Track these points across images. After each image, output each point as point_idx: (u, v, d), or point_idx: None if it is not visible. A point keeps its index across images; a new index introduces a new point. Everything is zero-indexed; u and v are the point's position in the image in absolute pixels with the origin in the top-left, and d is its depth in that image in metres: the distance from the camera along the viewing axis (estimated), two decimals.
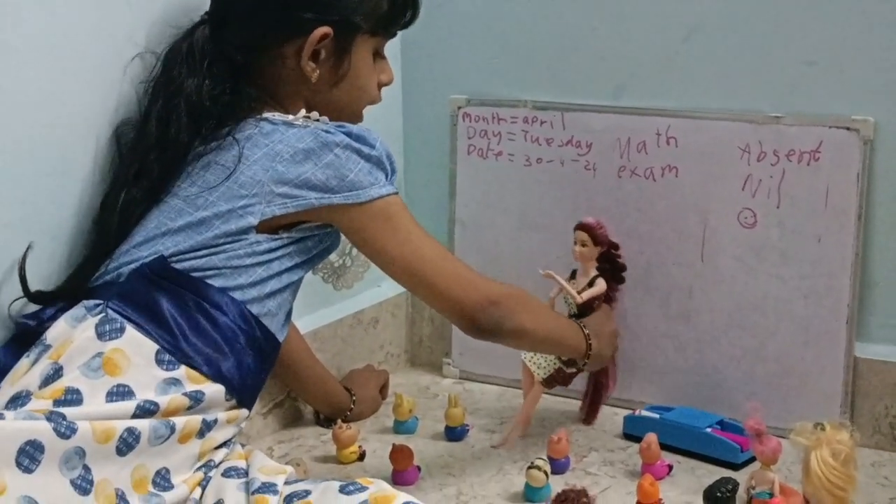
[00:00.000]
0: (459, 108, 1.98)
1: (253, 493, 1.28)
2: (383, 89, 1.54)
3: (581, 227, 1.76)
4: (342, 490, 1.24)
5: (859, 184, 1.68)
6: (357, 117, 1.51)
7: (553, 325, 1.60)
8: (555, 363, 1.71)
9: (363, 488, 1.24)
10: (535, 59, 1.91)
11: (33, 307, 1.35)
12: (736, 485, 1.37)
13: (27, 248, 1.34)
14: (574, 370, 1.70)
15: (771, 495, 1.50)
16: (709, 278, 1.80)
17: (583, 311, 1.74)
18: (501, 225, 1.97)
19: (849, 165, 1.68)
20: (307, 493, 1.25)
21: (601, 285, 1.75)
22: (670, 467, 1.61)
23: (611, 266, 1.78)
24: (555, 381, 1.73)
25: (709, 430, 1.68)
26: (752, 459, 1.59)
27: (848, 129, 1.68)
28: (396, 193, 1.41)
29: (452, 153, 2.00)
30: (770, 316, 1.76)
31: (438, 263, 1.43)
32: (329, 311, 1.87)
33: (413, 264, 1.42)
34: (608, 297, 1.77)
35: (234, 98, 1.41)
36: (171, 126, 1.39)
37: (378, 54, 1.51)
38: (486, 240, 1.99)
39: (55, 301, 1.34)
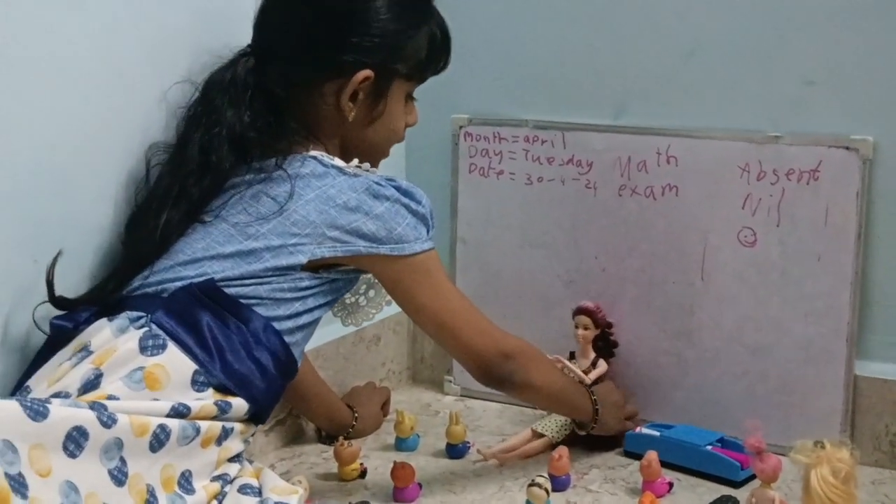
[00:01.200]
0: (461, 127, 1.99)
1: None
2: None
3: (583, 311, 1.84)
4: None
5: (859, 203, 1.68)
6: (384, 155, 1.58)
7: (562, 385, 1.65)
8: (567, 426, 1.76)
9: None
10: (536, 79, 1.92)
11: (65, 312, 1.38)
12: (736, 502, 1.36)
13: (57, 255, 1.37)
14: (584, 433, 1.73)
15: None
16: (709, 296, 1.80)
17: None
18: (503, 243, 1.97)
19: (848, 184, 1.69)
20: None
21: (604, 366, 1.83)
22: (671, 485, 1.61)
23: (604, 343, 1.85)
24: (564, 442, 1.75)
25: (709, 447, 1.68)
26: (753, 477, 1.59)
27: (847, 148, 1.68)
28: (435, 248, 1.49)
29: (454, 172, 2.01)
30: (770, 334, 1.76)
31: (465, 316, 1.52)
32: (331, 329, 1.87)
33: (442, 315, 1.51)
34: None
35: (277, 130, 1.45)
36: (212, 154, 1.43)
37: (409, 97, 1.56)
38: (487, 258, 1.99)
39: (76, 308, 1.37)
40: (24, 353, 1.38)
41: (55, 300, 1.38)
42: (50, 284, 1.37)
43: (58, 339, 1.36)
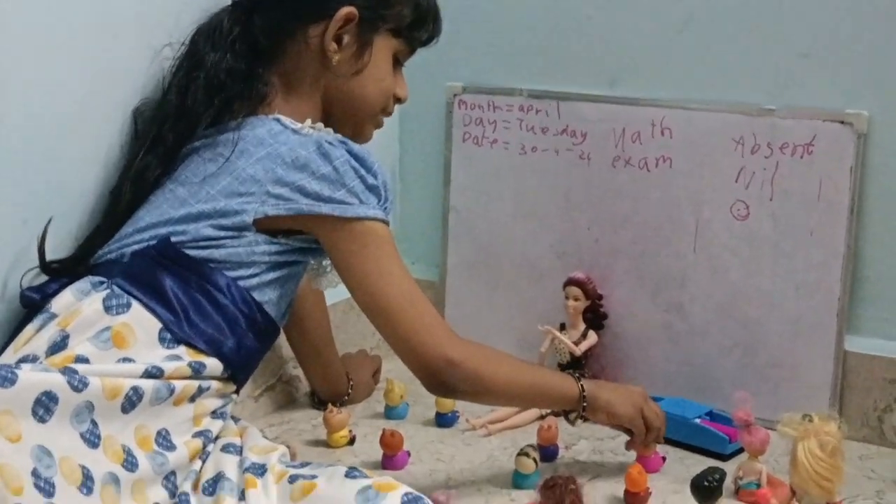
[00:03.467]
0: (455, 95, 1.97)
1: (244, 471, 1.29)
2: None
3: (573, 282, 1.82)
4: (348, 475, 1.26)
5: (852, 177, 1.67)
6: (374, 118, 1.53)
7: (529, 381, 1.49)
8: None
9: (368, 476, 1.25)
10: (530, 48, 1.90)
11: (38, 281, 1.38)
12: (723, 475, 1.37)
13: (48, 221, 1.37)
14: (573, 420, 1.55)
15: (758, 486, 1.50)
16: (701, 269, 1.79)
17: (577, 362, 1.80)
18: (495, 213, 1.96)
19: (842, 159, 1.68)
20: (314, 476, 1.27)
21: (594, 337, 1.82)
22: (664, 459, 1.61)
23: (594, 315, 1.83)
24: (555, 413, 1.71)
25: (698, 420, 1.68)
26: (741, 450, 1.59)
27: (842, 122, 1.67)
28: (385, 223, 1.40)
29: (448, 140, 1.99)
30: (761, 308, 1.75)
31: (403, 305, 1.38)
32: None
33: (376, 298, 1.39)
34: None
35: (251, 79, 1.44)
36: (188, 97, 1.43)
37: (397, 62, 1.53)
38: (479, 228, 1.98)
39: (65, 271, 1.37)
40: (9, 325, 1.37)
41: (45, 265, 1.37)
42: (41, 251, 1.37)
43: (28, 310, 1.35)
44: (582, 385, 1.49)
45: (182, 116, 1.43)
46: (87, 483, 1.15)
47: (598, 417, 1.53)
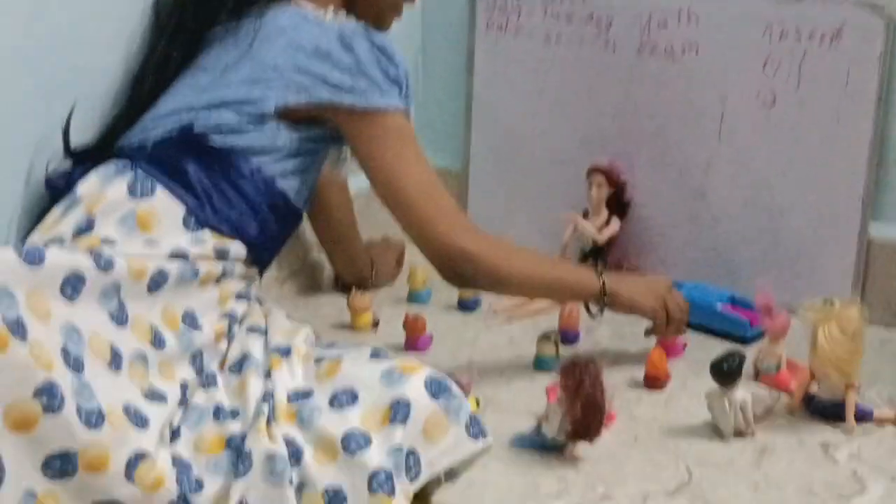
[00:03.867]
0: None
1: (270, 352, 1.32)
2: None
3: (597, 170, 1.81)
4: (372, 356, 1.28)
5: (881, 65, 1.65)
6: (395, 6, 1.51)
7: (547, 271, 1.48)
8: None
9: (392, 358, 1.27)
10: None
11: (63, 167, 1.39)
12: (743, 358, 1.37)
13: (72, 107, 1.38)
14: (595, 312, 1.54)
15: (778, 369, 1.52)
16: (726, 157, 1.79)
17: (600, 250, 1.79)
18: (519, 101, 1.95)
19: (871, 46, 1.65)
20: (339, 357, 1.29)
21: (616, 224, 1.81)
22: (685, 346, 1.62)
23: (617, 203, 1.83)
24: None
25: (720, 305, 1.69)
26: (762, 335, 1.60)
27: (872, 8, 1.64)
28: (406, 114, 1.39)
29: (471, 29, 1.97)
30: (786, 195, 1.75)
31: (421, 195, 1.38)
32: None
33: (394, 188, 1.39)
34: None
35: None
36: None
37: None
38: (502, 116, 1.97)
39: (89, 157, 1.38)
40: (38, 210, 1.39)
41: (70, 151, 1.39)
42: (66, 137, 1.38)
43: (54, 195, 1.37)
44: (603, 280, 1.49)
45: (203, 3, 1.43)
46: (115, 360, 1.18)
47: (621, 310, 1.53)
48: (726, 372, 1.36)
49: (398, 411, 1.21)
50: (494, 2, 1.94)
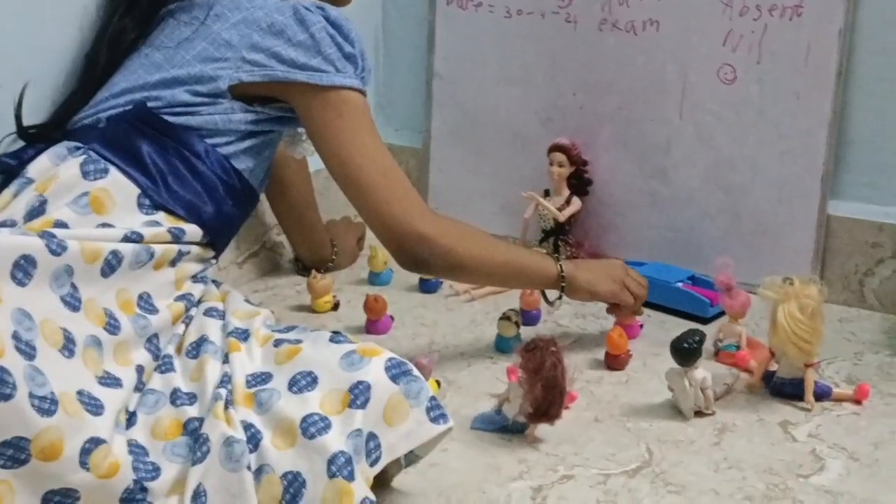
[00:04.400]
0: None
1: (228, 335, 1.30)
2: None
3: (558, 148, 1.81)
4: (332, 340, 1.27)
5: (841, 40, 1.65)
6: None
7: (503, 257, 1.46)
8: None
9: (352, 341, 1.26)
10: None
11: (14, 147, 1.36)
12: (703, 336, 1.38)
13: (24, 87, 1.35)
14: (553, 302, 1.54)
15: (738, 348, 1.53)
16: (686, 135, 1.79)
17: (561, 228, 1.79)
18: (480, 79, 1.95)
19: (831, 20, 1.66)
20: (298, 341, 1.27)
21: (577, 203, 1.81)
22: (641, 326, 1.62)
23: (578, 181, 1.82)
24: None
25: (679, 284, 1.69)
26: (722, 314, 1.61)
27: None
28: (362, 93, 1.37)
29: (431, 4, 1.96)
30: (746, 173, 1.75)
31: (376, 177, 1.35)
32: None
33: (348, 168, 1.36)
34: None
35: None
36: None
37: None
38: (464, 93, 1.96)
39: (43, 136, 1.36)
40: None
41: (22, 130, 1.37)
42: (18, 117, 1.36)
43: (5, 175, 1.34)
44: (560, 265, 1.48)
45: None
46: (68, 346, 1.16)
47: (580, 297, 1.53)
48: (686, 351, 1.37)
49: (358, 395, 1.19)
50: None
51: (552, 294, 1.53)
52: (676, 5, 1.76)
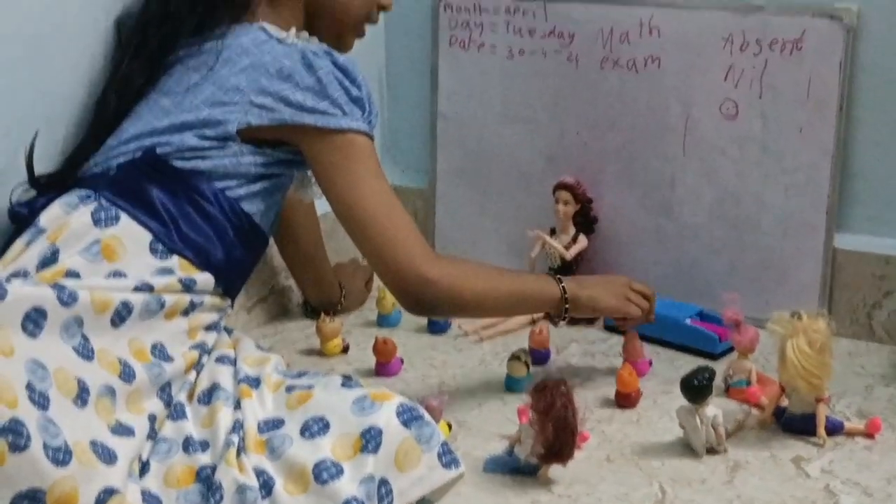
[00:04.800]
0: None
1: (239, 382, 1.31)
2: None
3: (563, 186, 1.82)
4: (344, 384, 1.28)
5: (842, 74, 1.67)
6: (356, 28, 1.52)
7: (507, 289, 1.46)
8: None
9: (364, 386, 1.28)
10: None
11: (27, 196, 1.38)
12: (713, 373, 1.38)
13: (35, 135, 1.37)
14: (559, 322, 1.54)
15: (748, 384, 1.53)
16: (690, 170, 1.80)
17: (568, 266, 1.80)
18: (484, 118, 1.96)
19: (832, 55, 1.67)
20: (310, 386, 1.29)
21: (584, 241, 1.82)
22: (650, 363, 1.63)
23: (584, 219, 1.83)
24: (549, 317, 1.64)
25: (688, 321, 1.70)
26: (731, 349, 1.61)
27: (831, 17, 1.66)
28: (369, 136, 1.39)
29: (434, 45, 1.98)
30: (751, 208, 1.76)
31: (381, 220, 1.37)
32: None
33: (354, 211, 1.38)
34: None
35: None
36: (169, 4, 1.42)
37: None
38: (468, 133, 1.98)
39: (54, 184, 1.38)
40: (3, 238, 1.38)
41: (34, 180, 1.38)
42: (29, 166, 1.38)
43: (17, 225, 1.36)
44: (563, 287, 1.49)
45: (165, 22, 1.42)
46: (82, 395, 1.17)
47: (585, 312, 1.53)
48: (697, 388, 1.37)
49: (370, 440, 1.20)
50: (457, 18, 1.95)
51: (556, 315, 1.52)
52: (677, 42, 1.77)
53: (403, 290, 1.39)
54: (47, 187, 1.38)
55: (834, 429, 1.43)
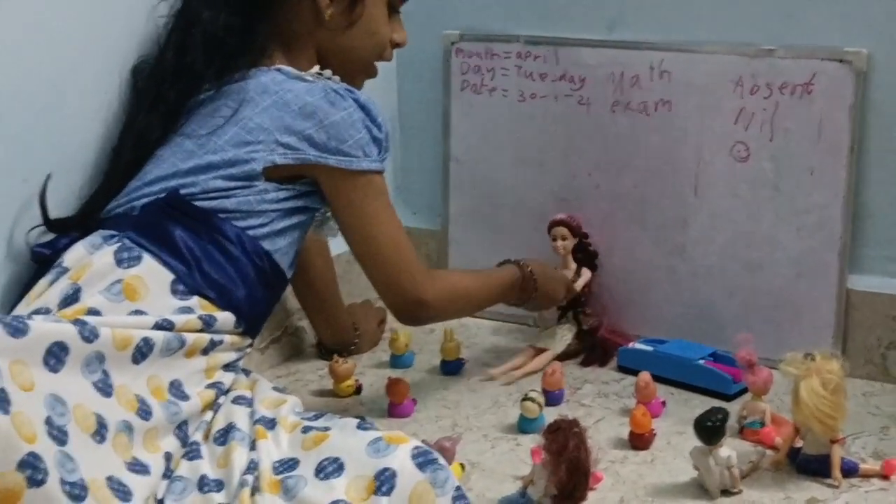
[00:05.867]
0: (452, 43, 1.98)
1: (255, 423, 1.32)
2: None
3: (558, 223, 1.83)
4: (359, 427, 1.29)
5: (852, 116, 1.68)
6: (366, 70, 1.56)
7: (485, 299, 1.64)
8: (566, 337, 1.80)
9: (378, 429, 1.29)
10: None
11: (48, 237, 1.40)
12: (727, 414, 1.38)
13: (47, 178, 1.39)
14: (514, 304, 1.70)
15: (762, 425, 1.53)
16: (702, 212, 1.81)
17: (577, 300, 1.81)
18: (496, 161, 1.98)
19: (842, 98, 1.68)
20: (326, 428, 1.29)
21: (588, 274, 1.83)
22: (664, 404, 1.63)
23: (583, 255, 1.85)
24: (567, 356, 1.81)
25: (701, 361, 1.70)
26: (745, 390, 1.61)
27: (841, 61, 1.68)
28: (382, 173, 1.46)
29: (446, 89, 2.00)
30: (763, 249, 1.77)
31: (391, 251, 1.47)
32: None
33: (367, 242, 1.47)
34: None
35: (248, 34, 1.45)
36: (187, 55, 1.45)
37: (393, 10, 1.56)
38: (481, 176, 1.99)
39: (70, 228, 1.40)
40: (22, 280, 1.39)
41: (49, 222, 1.40)
42: (43, 207, 1.39)
43: (40, 265, 1.37)
44: (535, 283, 1.67)
45: (182, 75, 1.45)
46: (100, 431, 1.17)
47: (531, 309, 1.74)
48: (710, 429, 1.37)
49: (384, 482, 1.20)
50: (469, 63, 1.97)
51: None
52: (688, 86, 1.79)
53: (402, 309, 1.52)
54: (64, 229, 1.40)
55: (849, 470, 1.42)
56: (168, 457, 1.25)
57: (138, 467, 1.20)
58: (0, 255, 1.37)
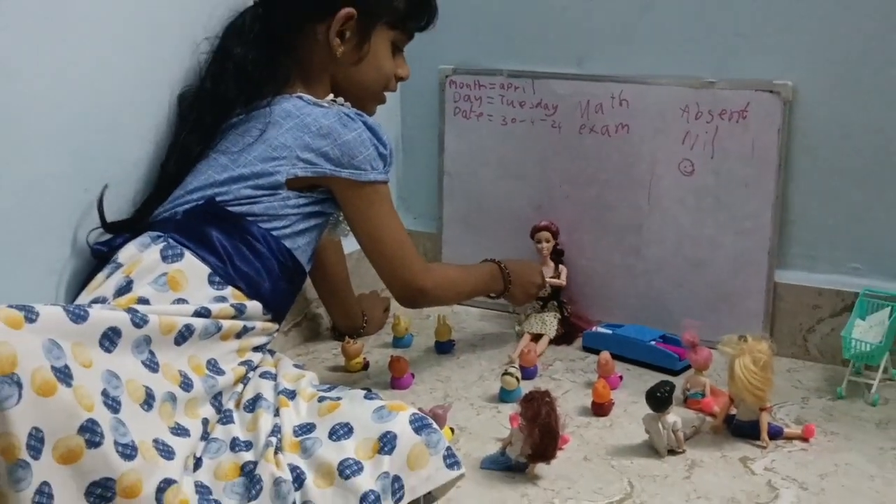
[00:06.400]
0: (447, 76, 1.98)
1: (278, 394, 1.32)
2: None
3: (543, 228, 1.83)
4: (366, 397, 1.29)
5: (780, 138, 1.68)
6: (375, 98, 1.56)
7: (471, 289, 1.67)
8: (551, 319, 1.78)
9: (382, 399, 1.29)
10: (510, 34, 1.90)
11: (105, 237, 1.41)
12: (673, 387, 1.39)
13: (104, 188, 1.40)
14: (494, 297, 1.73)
15: (703, 396, 1.53)
16: (655, 218, 1.81)
17: (556, 293, 1.81)
18: (483, 175, 1.98)
19: (772, 122, 1.69)
20: (338, 398, 1.30)
21: (564, 270, 1.84)
22: (621, 378, 1.63)
23: (556, 253, 1.85)
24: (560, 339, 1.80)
25: (653, 343, 1.70)
26: (688, 367, 1.61)
27: (771, 91, 1.68)
28: (387, 183, 1.47)
29: (441, 115, 2.00)
30: (706, 249, 1.77)
31: (395, 248, 1.50)
32: None
33: (375, 241, 1.49)
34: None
35: (273, 67, 1.47)
36: (221, 85, 1.46)
37: (397, 49, 1.56)
38: (470, 188, 1.99)
39: (124, 230, 1.40)
40: (84, 273, 1.40)
41: (106, 225, 1.40)
42: (101, 212, 1.40)
43: (98, 261, 1.38)
44: (508, 283, 1.69)
45: (217, 101, 1.46)
46: (148, 401, 1.18)
47: (511, 299, 1.73)
48: (659, 399, 1.37)
49: (386, 443, 1.21)
50: (460, 93, 1.97)
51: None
52: (643, 112, 1.79)
53: (405, 297, 1.54)
54: (119, 230, 1.41)
55: (775, 433, 1.43)
56: (205, 422, 1.25)
57: (180, 431, 1.20)
58: (65, 253, 1.38)
